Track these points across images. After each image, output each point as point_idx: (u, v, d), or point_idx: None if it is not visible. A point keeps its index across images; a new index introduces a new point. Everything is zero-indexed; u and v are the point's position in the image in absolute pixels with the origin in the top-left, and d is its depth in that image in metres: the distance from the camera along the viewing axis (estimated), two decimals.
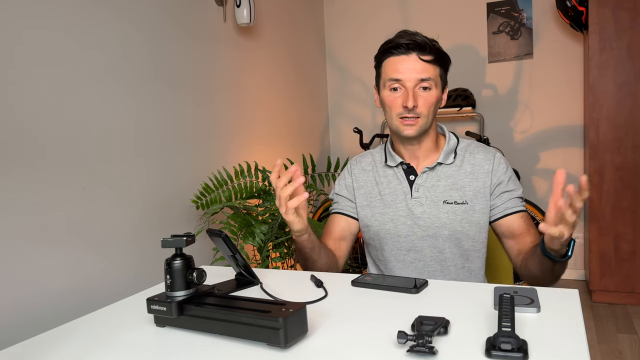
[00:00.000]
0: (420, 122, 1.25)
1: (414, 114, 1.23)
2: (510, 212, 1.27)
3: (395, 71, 1.24)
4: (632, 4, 2.58)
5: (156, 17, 2.04)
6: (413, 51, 1.22)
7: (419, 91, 1.23)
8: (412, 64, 1.22)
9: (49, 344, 0.88)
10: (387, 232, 1.33)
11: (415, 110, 1.23)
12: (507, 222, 1.28)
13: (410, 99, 1.21)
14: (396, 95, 1.25)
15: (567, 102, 3.14)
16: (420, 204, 1.30)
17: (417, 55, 1.22)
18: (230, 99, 2.54)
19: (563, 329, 0.81)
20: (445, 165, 1.32)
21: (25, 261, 1.50)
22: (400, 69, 1.23)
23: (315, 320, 0.89)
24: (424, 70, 1.22)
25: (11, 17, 1.48)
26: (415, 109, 1.23)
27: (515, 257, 1.27)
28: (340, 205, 1.43)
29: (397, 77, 1.23)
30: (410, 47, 1.22)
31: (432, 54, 1.23)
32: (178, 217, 2.14)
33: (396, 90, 1.25)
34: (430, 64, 1.23)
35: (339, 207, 1.43)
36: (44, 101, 1.57)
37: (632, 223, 2.68)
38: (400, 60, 1.23)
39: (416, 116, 1.24)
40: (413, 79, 1.22)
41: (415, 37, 1.22)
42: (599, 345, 2.33)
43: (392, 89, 1.25)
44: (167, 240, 0.90)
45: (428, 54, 1.23)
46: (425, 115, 1.25)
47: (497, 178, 1.29)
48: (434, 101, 1.25)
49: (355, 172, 1.42)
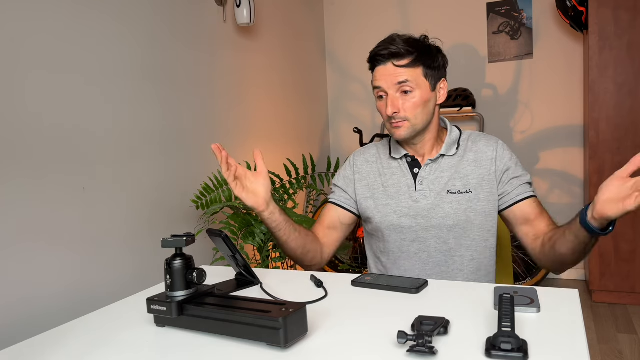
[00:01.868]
0: (407, 124, 1.27)
1: (399, 119, 1.27)
2: (523, 197, 1.29)
3: (376, 80, 1.29)
4: (632, 4, 2.58)
5: (156, 18, 2.04)
6: (388, 60, 1.26)
7: (401, 95, 1.26)
8: (388, 72, 1.27)
9: (49, 344, 0.88)
10: (390, 223, 1.34)
11: (399, 115, 1.26)
12: (521, 208, 1.28)
13: (389, 107, 1.26)
14: (382, 102, 1.30)
15: (567, 102, 3.14)
16: (424, 196, 1.32)
17: (392, 63, 1.26)
18: (230, 99, 2.54)
19: (563, 329, 0.81)
20: (448, 157, 1.33)
21: (26, 261, 1.50)
22: (379, 77, 1.28)
23: (315, 320, 0.89)
24: (400, 75, 1.25)
25: (12, 18, 1.47)
26: (397, 114, 1.26)
27: (533, 243, 1.27)
28: (335, 196, 1.45)
29: (378, 85, 1.28)
30: (385, 56, 1.26)
31: (408, 57, 1.25)
32: (178, 217, 2.14)
33: (382, 98, 1.30)
34: (407, 67, 1.25)
35: (333, 196, 1.45)
36: (44, 102, 1.57)
37: (632, 223, 2.68)
38: (380, 70, 1.29)
39: (402, 119, 1.27)
40: (391, 86, 1.26)
41: (390, 45, 1.26)
42: (599, 345, 2.33)
43: (379, 96, 1.30)
44: (167, 240, 0.90)
45: (403, 59, 1.25)
46: (412, 117, 1.27)
47: (504, 164, 1.30)
48: (418, 102, 1.26)
49: (358, 163, 1.44)
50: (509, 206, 1.30)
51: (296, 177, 2.50)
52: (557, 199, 3.22)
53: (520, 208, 1.29)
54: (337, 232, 1.42)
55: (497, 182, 1.30)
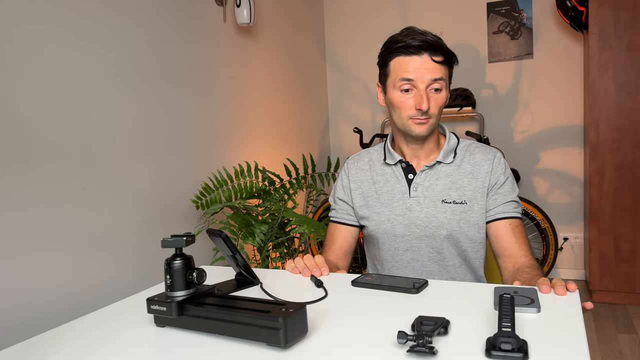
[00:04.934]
0: (431, 122, 1.25)
1: (426, 116, 1.23)
2: (501, 216, 1.27)
3: (407, 71, 1.21)
4: (632, 4, 2.58)
5: (156, 17, 2.04)
6: (425, 52, 1.20)
7: (431, 92, 1.22)
8: (424, 65, 1.20)
9: (49, 344, 0.88)
10: (384, 231, 1.32)
11: (427, 112, 1.23)
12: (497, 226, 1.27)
13: (424, 102, 1.20)
14: (408, 96, 1.23)
15: (567, 102, 3.14)
16: (418, 203, 1.30)
17: (429, 55, 1.20)
18: (230, 99, 2.54)
19: (563, 329, 0.81)
20: (444, 165, 1.31)
21: (25, 261, 1.50)
22: (412, 69, 1.21)
23: (315, 320, 0.89)
24: (436, 71, 1.21)
25: (12, 18, 1.47)
26: (428, 111, 1.22)
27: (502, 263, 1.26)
28: (339, 214, 1.42)
29: (410, 77, 1.21)
30: (422, 47, 1.20)
31: (443, 55, 1.22)
32: (178, 217, 2.14)
33: (408, 91, 1.23)
34: (441, 64, 1.22)
35: (338, 215, 1.42)
36: (44, 102, 1.57)
37: (632, 223, 2.68)
38: (412, 61, 1.21)
39: (428, 117, 1.24)
40: (426, 80, 1.21)
41: (426, 36, 1.20)
42: (599, 345, 2.33)
43: (404, 90, 1.23)
44: (167, 240, 0.90)
45: (440, 54, 1.21)
46: (435, 116, 1.25)
47: (495, 178, 1.29)
48: (444, 102, 1.25)
49: (352, 172, 1.42)
50: (488, 222, 1.29)
51: (296, 177, 2.50)
52: (557, 199, 3.22)
53: (496, 227, 1.27)
54: (351, 253, 1.41)
55: (486, 194, 1.29)
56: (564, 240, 3.22)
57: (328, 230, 1.44)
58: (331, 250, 1.39)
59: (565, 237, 3.22)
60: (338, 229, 1.41)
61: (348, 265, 1.41)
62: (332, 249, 1.39)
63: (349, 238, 1.40)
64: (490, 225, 1.28)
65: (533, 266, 1.18)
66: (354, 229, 1.41)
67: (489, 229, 1.29)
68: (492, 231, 1.28)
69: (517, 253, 1.23)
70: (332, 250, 1.38)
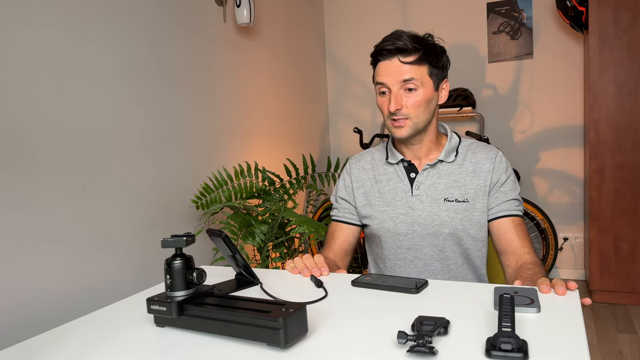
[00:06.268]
0: (409, 123, 1.26)
1: (401, 116, 1.25)
2: (503, 214, 1.28)
3: (380, 75, 1.27)
4: (632, 4, 2.58)
5: (155, 17, 2.04)
6: (394, 55, 1.24)
7: (404, 93, 1.24)
8: (393, 68, 1.24)
9: (49, 344, 0.88)
10: (387, 230, 1.33)
11: (401, 112, 1.24)
12: (499, 224, 1.28)
13: (392, 103, 1.24)
14: (384, 98, 1.28)
15: (567, 102, 3.14)
16: (420, 201, 1.31)
17: (399, 58, 1.24)
18: (230, 99, 2.54)
19: (563, 328, 0.81)
20: (446, 163, 1.32)
21: (25, 261, 1.49)
22: (383, 73, 1.26)
23: (315, 320, 0.89)
24: (405, 72, 1.23)
25: (12, 18, 1.47)
26: (400, 111, 1.24)
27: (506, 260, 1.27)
28: (341, 213, 1.43)
29: (381, 80, 1.26)
30: (391, 51, 1.24)
31: (415, 54, 1.23)
32: (178, 217, 2.14)
33: (384, 94, 1.27)
34: (413, 64, 1.23)
35: (340, 214, 1.43)
36: (44, 102, 1.57)
37: (632, 223, 2.68)
38: (384, 65, 1.26)
39: (404, 117, 1.25)
40: (396, 82, 1.24)
41: (397, 41, 1.23)
42: (599, 345, 2.33)
43: (381, 92, 1.28)
44: (167, 240, 0.90)
45: (410, 55, 1.23)
46: (414, 116, 1.25)
47: (497, 176, 1.30)
48: (421, 101, 1.25)
49: (355, 171, 1.42)
50: (490, 220, 1.30)
51: (296, 177, 2.50)
52: (557, 199, 3.22)
53: (498, 224, 1.28)
54: (351, 253, 1.42)
55: (488, 193, 1.30)
56: (564, 240, 3.22)
57: (329, 228, 1.45)
58: (331, 248, 1.39)
59: (565, 237, 3.22)
60: (339, 227, 1.42)
61: (348, 265, 1.41)
62: (332, 247, 1.39)
63: (349, 237, 1.41)
64: (493, 223, 1.29)
65: (536, 263, 1.19)
66: (355, 228, 1.41)
67: (491, 227, 1.30)
68: (495, 229, 1.29)
69: (520, 250, 1.24)
70: (333, 249, 1.39)
